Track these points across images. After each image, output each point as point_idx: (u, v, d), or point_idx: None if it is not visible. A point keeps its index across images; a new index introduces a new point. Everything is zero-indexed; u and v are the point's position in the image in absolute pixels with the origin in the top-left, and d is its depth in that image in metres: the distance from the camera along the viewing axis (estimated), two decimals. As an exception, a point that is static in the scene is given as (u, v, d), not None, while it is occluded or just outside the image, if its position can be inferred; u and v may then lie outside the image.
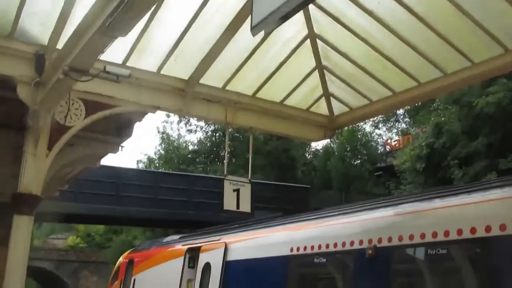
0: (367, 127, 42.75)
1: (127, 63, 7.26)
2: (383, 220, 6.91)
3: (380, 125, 43.80)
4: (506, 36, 6.48)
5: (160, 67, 7.56)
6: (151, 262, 11.97)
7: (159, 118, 76.82)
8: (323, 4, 7.01)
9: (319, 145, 43.68)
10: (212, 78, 7.92)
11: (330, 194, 35.74)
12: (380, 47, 7.30)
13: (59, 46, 6.61)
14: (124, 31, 5.17)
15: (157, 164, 44.84)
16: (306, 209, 22.27)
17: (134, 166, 45.14)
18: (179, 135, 45.72)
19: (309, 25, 7.42)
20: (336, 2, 6.92)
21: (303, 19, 7.30)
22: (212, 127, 42.65)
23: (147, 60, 7.45)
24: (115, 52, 6.54)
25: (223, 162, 33.61)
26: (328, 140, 36.65)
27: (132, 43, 7.01)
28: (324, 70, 8.14)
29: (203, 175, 34.53)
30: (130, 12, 4.84)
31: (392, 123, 43.77)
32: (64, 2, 6.19)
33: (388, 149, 39.63)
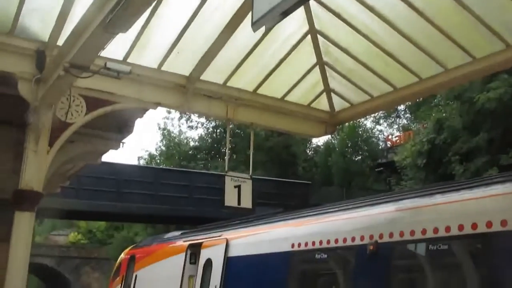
0: (368, 123, 42.76)
1: (128, 60, 7.26)
2: (384, 216, 6.91)
3: (381, 121, 43.81)
4: (507, 32, 6.47)
5: (161, 63, 7.56)
6: (152, 258, 11.98)
7: (160, 114, 77.02)
8: (324, 0, 7.00)
9: (320, 141, 43.75)
10: (213, 74, 7.91)
11: (331, 190, 35.74)
12: (381, 42, 7.29)
13: (60, 42, 6.61)
14: (124, 28, 5.17)
15: (158, 161, 44.86)
16: (307, 205, 22.29)
17: (135, 162, 45.24)
18: (180, 131, 45.78)
19: (310, 21, 7.41)
20: (337, -3, 6.93)
21: (304, 14, 7.30)
22: (213, 123, 42.63)
23: (148, 56, 7.45)
24: (115, 48, 6.55)
25: (224, 159, 33.55)
26: (329, 136, 36.60)
27: (133, 39, 7.01)
28: (325, 66, 8.13)
29: (204, 171, 34.55)
30: (130, 9, 4.84)
31: (393, 119, 43.75)
32: (65, -2, 6.20)
33: (389, 145, 39.61)
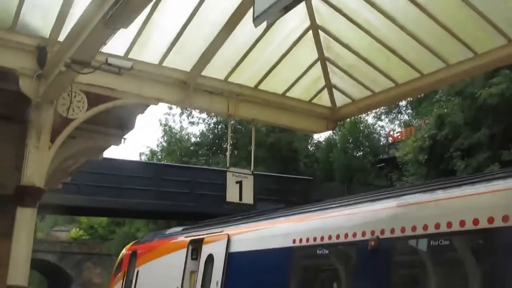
0: (370, 118, 42.65)
1: (129, 55, 7.26)
2: (386, 212, 6.91)
3: (383, 116, 43.70)
4: (509, 27, 6.45)
5: (162, 59, 7.56)
6: (154, 254, 12.00)
7: (161, 110, 77.02)
8: (325, -5, 6.99)
9: (321, 137, 43.66)
10: (214, 70, 7.91)
11: (333, 186, 35.71)
12: (382, 38, 7.28)
13: (61, 38, 6.61)
14: (125, 23, 5.16)
15: (159, 157, 44.84)
16: (308, 201, 22.31)
17: (136, 158, 45.24)
18: (181, 127, 45.69)
19: (311, 16, 7.39)
20: (338, -7, 6.91)
21: (305, 10, 7.28)
22: (215, 119, 42.58)
23: (149, 52, 7.44)
24: (116, 44, 6.53)
25: (225, 154, 33.60)
26: (331, 132, 36.60)
27: (134, 35, 7.01)
28: (326, 61, 8.12)
29: (205, 167, 34.52)
30: (131, 4, 4.84)
31: (394, 115, 43.66)
32: (66, -6, 6.19)
33: (390, 140, 39.57)
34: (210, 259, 9.68)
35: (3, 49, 6.73)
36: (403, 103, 39.52)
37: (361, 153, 39.95)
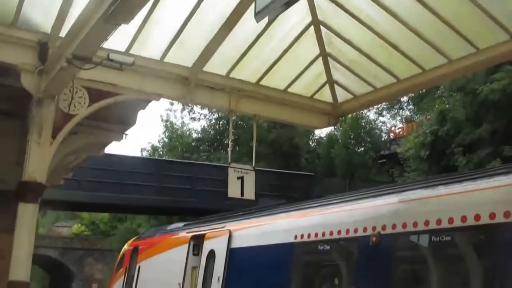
0: (371, 114, 42.65)
1: (131, 51, 7.25)
2: (387, 207, 6.91)
3: (384, 112, 43.72)
4: (511, 22, 6.43)
5: (164, 55, 7.55)
6: (155, 249, 12.02)
7: (163, 106, 76.93)
8: (326, -9, 6.97)
9: (322, 132, 43.66)
10: (216, 66, 7.90)
11: (334, 182, 35.73)
12: (384, 33, 7.26)
13: (62, 34, 6.60)
14: (127, 19, 5.16)
15: (161, 152, 44.89)
16: (309, 196, 22.31)
17: (138, 154, 45.28)
18: (183, 123, 45.73)
19: (313, 11, 7.38)
20: (340, -12, 6.89)
21: (306, 5, 7.26)
22: (216, 115, 42.59)
23: (150, 48, 7.44)
24: (118, 40, 6.53)
25: (227, 150, 33.58)
26: (332, 128, 36.49)
27: (135, 30, 7.00)
28: (328, 57, 8.11)
29: (207, 163, 34.56)
30: (132, 0, 4.83)
31: (396, 111, 43.68)
32: (67, -11, 6.18)
33: (392, 136, 39.61)
34: (212, 254, 9.69)
35: (4, 44, 6.72)
36: (405, 98, 39.57)
37: (362, 149, 39.97)
